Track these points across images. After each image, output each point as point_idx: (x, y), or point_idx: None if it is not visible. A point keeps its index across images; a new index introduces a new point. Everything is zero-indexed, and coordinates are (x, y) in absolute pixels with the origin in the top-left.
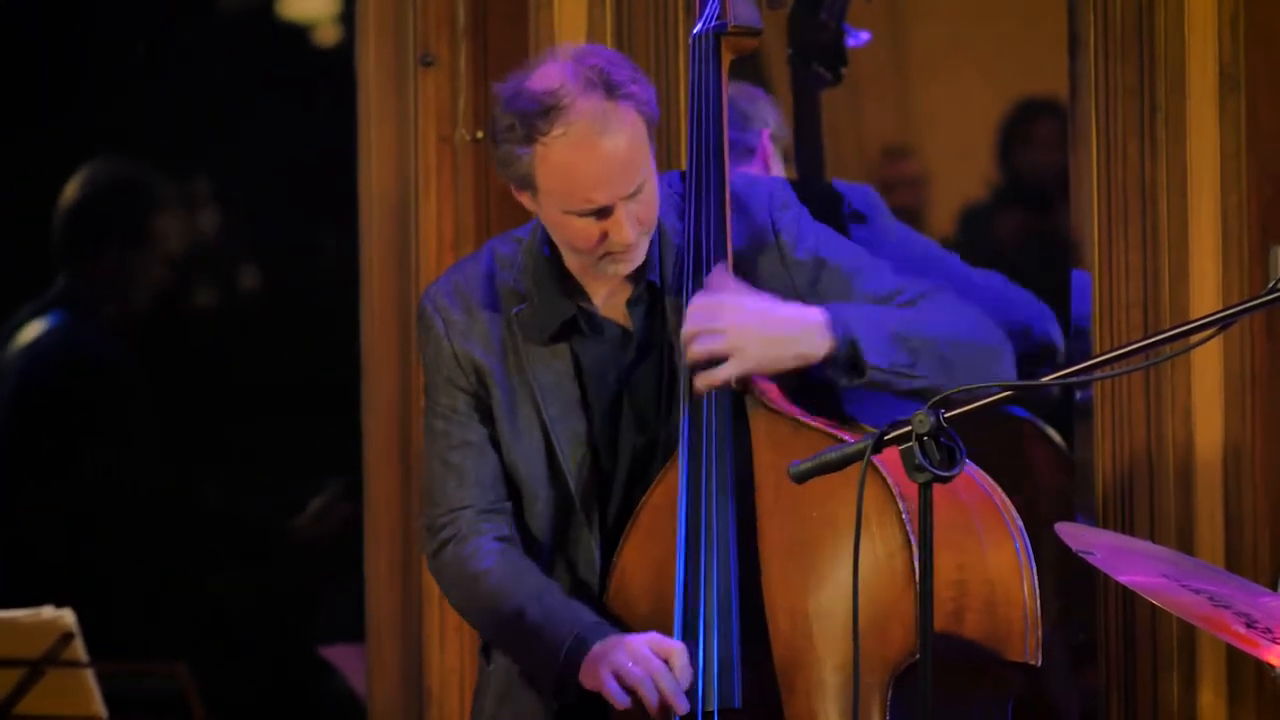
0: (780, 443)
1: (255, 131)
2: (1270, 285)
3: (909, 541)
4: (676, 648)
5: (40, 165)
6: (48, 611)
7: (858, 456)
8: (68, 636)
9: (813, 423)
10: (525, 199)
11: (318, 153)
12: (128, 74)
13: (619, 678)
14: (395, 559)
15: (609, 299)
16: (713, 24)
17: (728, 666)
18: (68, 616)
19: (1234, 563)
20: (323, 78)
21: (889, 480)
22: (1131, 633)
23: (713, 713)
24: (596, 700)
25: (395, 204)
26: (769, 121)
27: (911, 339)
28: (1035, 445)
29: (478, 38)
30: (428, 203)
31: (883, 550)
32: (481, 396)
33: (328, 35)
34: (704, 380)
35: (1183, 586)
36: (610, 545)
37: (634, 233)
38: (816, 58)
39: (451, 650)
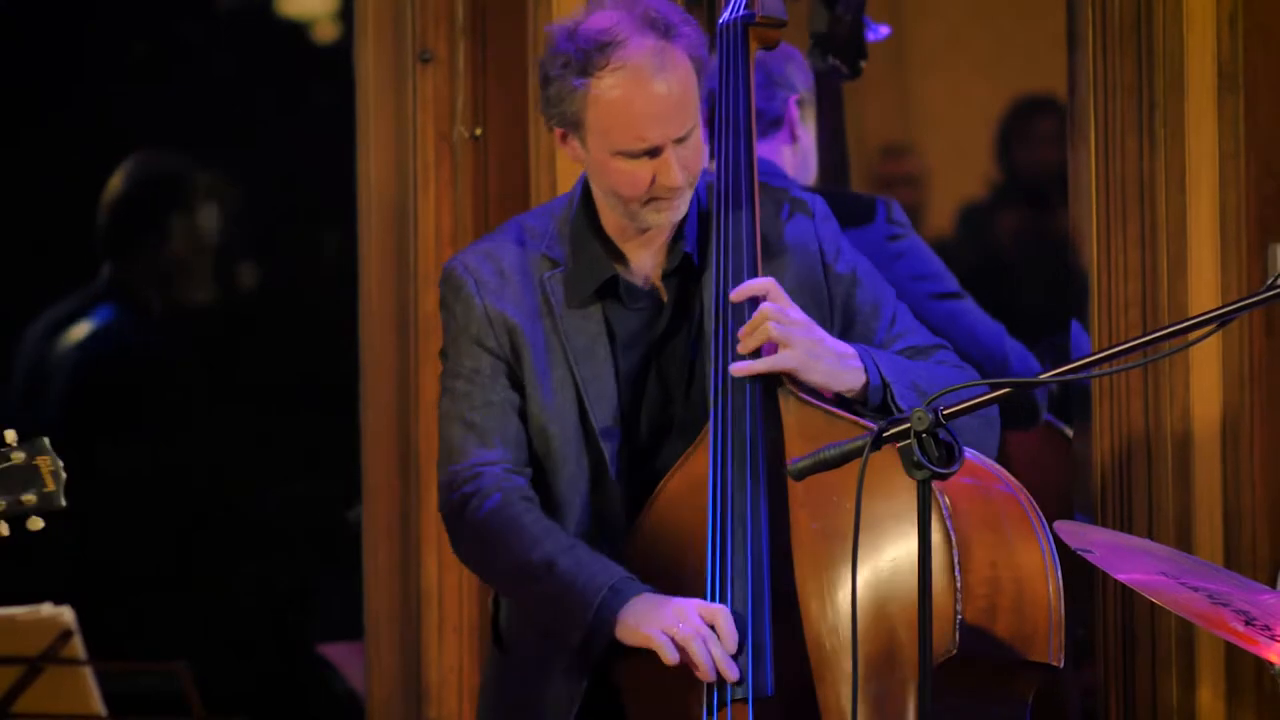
0: (813, 434)
1: (254, 129)
2: (1269, 282)
3: (950, 538)
4: (722, 611)
5: (40, 165)
6: (46, 609)
7: (856, 453)
8: (66, 634)
9: (844, 414)
10: (572, 146)
11: (316, 150)
12: (125, 72)
13: (670, 636)
14: (394, 557)
15: (645, 268)
16: (741, 13)
17: (760, 655)
18: (67, 614)
19: (1233, 559)
20: (321, 75)
21: None
22: (1130, 630)
23: (746, 700)
24: (619, 670)
25: (394, 201)
26: (798, 86)
27: (927, 394)
28: (1050, 443)
29: (476, 35)
30: (426, 200)
31: None
32: (510, 361)
33: (326, 32)
34: (758, 365)
35: (1181, 584)
36: (635, 511)
37: (682, 177)
38: (835, 51)
39: (450, 649)
